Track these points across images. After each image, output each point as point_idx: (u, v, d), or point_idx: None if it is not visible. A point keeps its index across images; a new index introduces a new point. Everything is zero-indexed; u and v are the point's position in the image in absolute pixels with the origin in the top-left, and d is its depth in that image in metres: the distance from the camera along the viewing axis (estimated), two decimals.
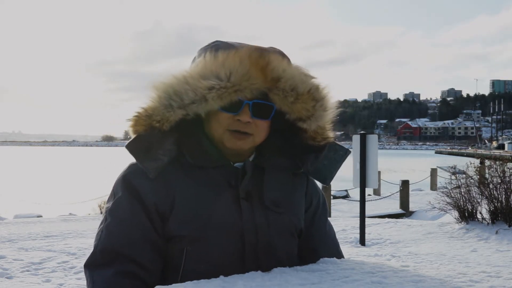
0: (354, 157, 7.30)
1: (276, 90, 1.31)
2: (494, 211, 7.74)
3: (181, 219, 1.31)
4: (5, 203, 15.70)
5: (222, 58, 1.29)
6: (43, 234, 7.95)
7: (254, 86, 1.29)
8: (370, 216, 10.56)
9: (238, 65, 1.28)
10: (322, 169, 1.46)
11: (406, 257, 5.91)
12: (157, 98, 1.32)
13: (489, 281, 1.17)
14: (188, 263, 1.31)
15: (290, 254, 1.43)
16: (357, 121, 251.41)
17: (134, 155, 1.33)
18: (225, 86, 1.27)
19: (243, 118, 1.31)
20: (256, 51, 1.31)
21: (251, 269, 1.30)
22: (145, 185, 1.33)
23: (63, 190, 21.60)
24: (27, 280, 5.03)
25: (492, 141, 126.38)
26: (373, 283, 1.15)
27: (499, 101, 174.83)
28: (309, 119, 1.37)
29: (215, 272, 1.25)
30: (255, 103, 1.32)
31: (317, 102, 1.36)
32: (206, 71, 1.29)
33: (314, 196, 1.53)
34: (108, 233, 1.32)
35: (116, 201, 1.34)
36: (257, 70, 1.28)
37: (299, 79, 1.33)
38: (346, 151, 1.48)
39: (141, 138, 1.32)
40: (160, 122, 1.31)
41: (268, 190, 1.40)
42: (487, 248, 6.52)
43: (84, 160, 65.29)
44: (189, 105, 1.29)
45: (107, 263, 1.30)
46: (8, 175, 32.53)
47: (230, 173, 1.37)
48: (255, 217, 1.36)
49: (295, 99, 1.33)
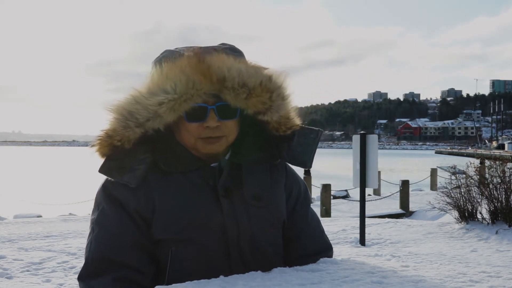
0: (354, 157, 7.29)
1: (226, 90, 1.31)
2: (494, 211, 7.73)
3: (163, 223, 1.33)
4: (5, 203, 15.70)
5: (166, 71, 1.31)
6: (43, 234, 7.94)
7: (201, 91, 1.30)
8: (370, 216, 10.55)
9: (180, 75, 1.29)
10: (298, 155, 1.45)
11: (406, 257, 5.91)
12: (114, 120, 1.34)
13: (489, 281, 1.17)
14: (174, 263, 1.33)
15: (275, 246, 1.44)
16: (357, 121, 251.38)
17: (110, 176, 1.35)
18: (173, 98, 1.29)
19: (211, 124, 1.33)
20: (195, 56, 1.31)
21: (236, 264, 1.33)
22: (124, 193, 1.35)
23: (63, 190, 21.57)
24: (27, 280, 5.02)
25: (492, 141, 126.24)
26: (373, 283, 1.15)
27: (499, 101, 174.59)
28: (269, 111, 1.36)
29: (201, 269, 1.28)
30: (219, 106, 1.32)
31: (272, 92, 1.35)
32: (154, 87, 1.31)
33: (295, 185, 1.53)
34: (97, 243, 1.34)
35: (100, 211, 1.36)
36: (199, 76, 1.29)
37: (247, 74, 1.32)
38: (317, 132, 1.46)
39: (110, 158, 1.34)
40: (121, 141, 1.33)
41: (247, 185, 1.40)
42: (487, 248, 6.52)
43: (84, 160, 65.14)
44: (145, 123, 1.31)
45: (101, 272, 1.31)
46: (8, 175, 32.51)
47: (208, 173, 1.39)
48: (236, 213, 1.37)
49: (247, 95, 1.32)
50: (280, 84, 1.38)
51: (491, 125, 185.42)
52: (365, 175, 7.18)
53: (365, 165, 7.18)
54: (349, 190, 17.04)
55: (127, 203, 1.34)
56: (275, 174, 1.48)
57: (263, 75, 1.35)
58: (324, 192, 13.25)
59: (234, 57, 1.35)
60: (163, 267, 1.34)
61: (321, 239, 1.55)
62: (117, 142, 1.33)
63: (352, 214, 12.32)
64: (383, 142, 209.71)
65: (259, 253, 1.38)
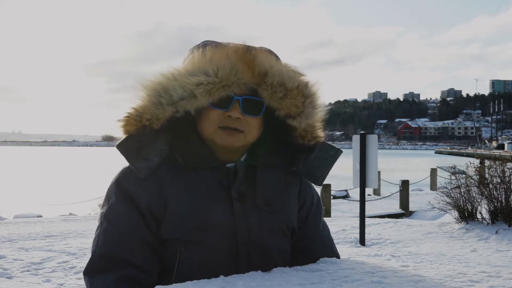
0: (354, 157, 7.29)
1: (265, 85, 1.31)
2: (494, 211, 7.73)
3: (175, 223, 1.32)
4: (5, 203, 15.70)
5: (209, 55, 1.30)
6: (43, 234, 7.94)
7: (241, 81, 1.29)
8: (370, 216, 10.56)
9: (225, 60, 1.28)
10: (313, 169, 1.46)
11: (406, 257, 5.91)
12: (147, 96, 1.32)
13: (489, 281, 1.17)
14: (182, 264, 1.31)
15: (283, 253, 1.43)
16: (357, 121, 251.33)
17: (125, 156, 1.33)
18: (213, 82, 1.28)
19: (234, 114, 1.31)
20: (243, 47, 1.32)
21: (244, 268, 1.32)
22: (138, 188, 1.33)
23: (63, 190, 21.58)
24: (27, 280, 5.02)
25: (492, 141, 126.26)
26: (373, 283, 1.15)
27: (499, 101, 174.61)
28: (299, 116, 1.36)
29: (208, 272, 1.26)
30: (245, 99, 1.32)
31: (307, 98, 1.36)
32: (194, 68, 1.30)
33: (308, 195, 1.52)
34: (105, 238, 1.32)
35: (110, 206, 1.35)
36: (243, 65, 1.29)
37: (287, 75, 1.33)
38: (337, 151, 1.47)
39: (132, 138, 1.32)
40: (150, 121, 1.32)
41: (261, 190, 1.39)
42: (487, 248, 6.52)
43: (84, 160, 65.25)
44: (179, 101, 1.29)
45: (106, 269, 1.30)
46: (8, 175, 32.51)
47: (222, 174, 1.38)
48: (248, 217, 1.36)
49: (284, 95, 1.32)
50: (315, 93, 1.38)
51: (491, 125, 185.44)
52: (365, 175, 7.18)
53: (365, 165, 7.18)
54: (349, 190, 17.03)
55: (139, 199, 1.32)
56: (289, 181, 1.47)
57: (301, 79, 1.36)
58: (324, 192, 13.24)
59: (275, 58, 1.37)
60: (170, 267, 1.33)
61: (331, 250, 1.54)
62: (145, 121, 1.31)
63: (352, 214, 12.33)
64: (383, 142, 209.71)
65: (267, 258, 1.37)
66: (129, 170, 1.35)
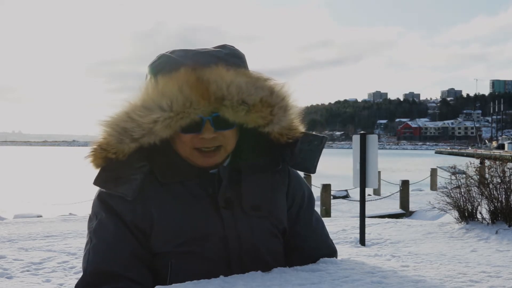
0: (354, 157, 7.29)
1: (224, 107, 1.27)
2: (494, 211, 7.73)
3: (163, 237, 1.31)
4: (5, 203, 15.71)
5: (162, 86, 1.26)
6: (43, 234, 7.94)
7: (198, 110, 1.26)
8: (370, 216, 10.55)
9: (177, 93, 1.24)
10: (301, 162, 1.42)
11: (406, 257, 5.91)
12: (107, 134, 1.31)
13: (489, 281, 1.17)
14: (174, 276, 1.30)
15: (276, 255, 1.41)
16: (357, 121, 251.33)
17: (105, 189, 1.32)
18: (169, 116, 1.25)
19: (207, 135, 1.29)
20: (194, 73, 1.25)
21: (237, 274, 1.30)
22: (120, 205, 1.32)
23: (63, 190, 21.57)
24: (27, 280, 5.02)
25: (492, 141, 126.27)
26: (373, 283, 1.15)
27: (499, 101, 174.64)
28: (269, 124, 1.33)
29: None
30: (215, 117, 1.28)
31: (274, 106, 1.31)
32: (148, 101, 1.27)
33: (298, 191, 1.49)
34: (96, 254, 1.31)
35: (98, 221, 1.34)
36: (197, 96, 1.24)
37: (247, 91, 1.27)
38: (321, 138, 1.43)
39: (105, 169, 1.32)
40: (116, 154, 1.31)
41: (247, 195, 1.37)
42: (487, 248, 6.52)
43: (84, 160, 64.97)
44: (140, 138, 1.28)
45: (99, 284, 1.29)
46: (8, 175, 32.50)
47: (207, 181, 1.35)
48: (237, 224, 1.34)
49: (247, 112, 1.28)
50: (283, 97, 1.34)
51: (491, 125, 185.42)
52: (365, 175, 7.18)
53: (365, 165, 7.18)
54: (349, 190, 17.03)
55: (123, 213, 1.31)
56: (276, 181, 1.44)
57: (264, 90, 1.30)
58: (324, 192, 13.25)
59: (234, 68, 1.30)
60: (162, 279, 1.31)
61: (326, 245, 1.52)
62: (112, 155, 1.31)
63: (352, 214, 12.32)
64: (383, 142, 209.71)
65: (260, 262, 1.35)
66: None
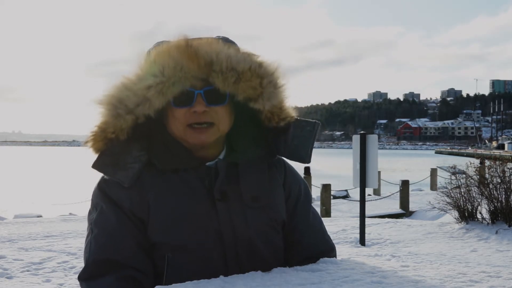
0: (354, 157, 7.29)
1: (214, 73, 1.29)
2: (494, 211, 7.73)
3: (158, 227, 1.31)
4: (5, 203, 15.71)
5: (153, 56, 1.31)
6: (43, 234, 7.94)
7: (189, 74, 1.28)
8: (370, 216, 10.55)
9: (168, 58, 1.28)
10: (295, 150, 1.41)
11: (406, 257, 5.91)
12: (105, 111, 1.32)
13: (489, 281, 1.17)
14: (171, 269, 1.31)
15: (274, 249, 1.41)
16: (357, 121, 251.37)
17: (103, 172, 1.33)
18: (161, 81, 1.28)
19: (199, 109, 1.30)
20: (184, 41, 1.30)
21: (233, 269, 1.31)
22: (119, 193, 1.33)
23: (63, 190, 21.57)
24: (27, 280, 5.02)
25: (492, 141, 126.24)
26: (373, 283, 1.15)
27: (499, 101, 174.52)
28: (260, 98, 1.33)
29: (198, 275, 1.25)
30: (206, 90, 1.31)
31: (263, 78, 1.33)
32: (142, 72, 1.31)
33: (294, 184, 1.49)
34: (98, 244, 1.32)
35: (99, 212, 1.35)
36: (187, 59, 1.28)
37: (236, 59, 1.31)
38: (314, 124, 1.42)
39: (104, 154, 1.33)
40: (114, 133, 1.32)
41: (245, 187, 1.37)
42: (487, 248, 6.52)
43: (84, 160, 65.08)
44: (135, 108, 1.30)
45: (103, 272, 1.29)
46: (8, 175, 32.50)
47: (204, 173, 1.36)
48: (232, 217, 1.34)
49: (236, 79, 1.30)
50: (272, 72, 1.35)
51: (491, 125, 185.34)
52: (365, 175, 7.18)
53: (365, 165, 7.18)
54: (349, 190, 17.03)
55: (121, 203, 1.32)
56: (273, 173, 1.44)
57: (253, 61, 1.33)
58: (324, 192, 13.25)
59: (224, 43, 1.34)
60: (159, 272, 1.32)
61: (324, 240, 1.51)
62: (110, 134, 1.31)
63: (352, 214, 12.32)
64: (383, 142, 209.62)
65: (257, 256, 1.35)
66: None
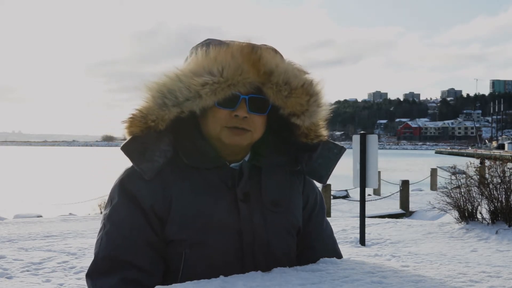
0: (354, 157, 7.29)
1: (270, 84, 1.31)
2: (494, 211, 7.73)
3: (179, 223, 1.31)
4: (5, 203, 15.72)
5: (214, 54, 1.29)
6: (43, 234, 7.95)
7: (247, 80, 1.29)
8: (370, 216, 10.56)
9: (230, 59, 1.28)
10: (317, 168, 1.46)
11: (406, 257, 5.91)
12: (151, 98, 1.31)
13: (489, 281, 1.17)
14: (187, 265, 1.31)
15: (289, 253, 1.42)
16: (357, 121, 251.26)
17: (129, 157, 1.32)
18: (218, 81, 1.27)
19: (240, 113, 1.31)
20: (248, 46, 1.31)
21: (249, 269, 1.31)
22: (142, 188, 1.32)
23: (63, 190, 21.58)
24: (27, 280, 5.02)
25: (492, 141, 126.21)
26: (373, 283, 1.15)
27: (499, 101, 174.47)
28: (303, 115, 1.37)
29: (214, 273, 1.25)
30: (251, 97, 1.31)
31: (311, 97, 1.36)
32: (198, 68, 1.29)
33: (311, 194, 1.53)
34: (108, 240, 1.32)
35: (113, 207, 1.34)
36: (249, 65, 1.28)
37: (292, 74, 1.33)
38: (341, 149, 1.48)
39: (136, 139, 1.32)
40: (155, 122, 1.31)
41: (266, 190, 1.40)
42: (487, 248, 6.52)
43: (84, 160, 65.23)
44: (184, 102, 1.29)
45: (109, 271, 1.29)
46: (8, 175, 32.51)
47: (227, 174, 1.37)
48: (253, 218, 1.36)
49: (288, 93, 1.32)
50: (319, 91, 1.38)
51: (491, 125, 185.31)
52: (365, 175, 7.18)
53: (365, 165, 7.18)
54: (349, 190, 17.03)
55: (142, 198, 1.31)
56: (293, 180, 1.47)
57: (306, 78, 1.36)
58: (324, 192, 13.24)
59: (280, 56, 1.36)
60: (175, 268, 1.32)
61: (333, 250, 1.54)
62: (151, 122, 1.31)
63: (352, 214, 12.33)
64: (383, 142, 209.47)
65: (273, 259, 1.37)
66: (133, 170, 1.34)
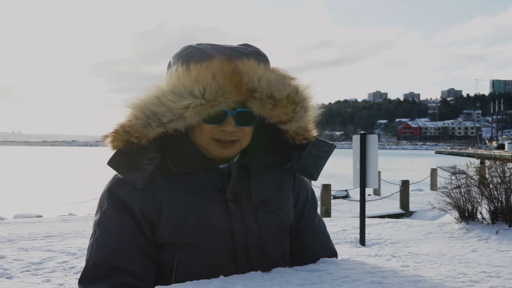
0: (354, 157, 7.29)
1: (253, 99, 1.30)
2: (494, 211, 7.73)
3: (171, 226, 1.32)
4: (5, 203, 15.71)
5: (195, 73, 1.28)
6: (43, 234, 7.94)
7: (230, 100, 1.29)
8: (370, 216, 10.55)
9: (211, 81, 1.27)
10: (307, 166, 1.46)
11: (406, 257, 5.91)
12: (134, 117, 1.31)
13: (489, 281, 1.17)
14: (180, 268, 1.31)
15: (282, 252, 1.43)
16: (357, 121, 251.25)
17: (118, 171, 1.33)
18: (201, 104, 1.27)
19: (228, 129, 1.32)
20: (229, 63, 1.28)
21: (244, 269, 1.31)
22: (131, 194, 1.33)
23: (63, 190, 21.58)
24: (27, 280, 5.02)
25: (492, 141, 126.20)
26: (373, 283, 1.15)
27: (499, 101, 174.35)
28: (289, 122, 1.36)
29: (207, 274, 1.25)
30: (238, 112, 1.32)
31: (297, 104, 1.35)
32: (180, 88, 1.28)
33: (302, 191, 1.52)
34: (98, 246, 1.32)
35: (102, 213, 1.35)
36: (231, 85, 1.27)
37: (276, 86, 1.31)
38: (331, 146, 1.47)
39: (121, 153, 1.32)
40: (138, 138, 1.31)
41: (256, 190, 1.40)
42: (487, 248, 6.52)
43: (84, 160, 65.22)
44: (168, 123, 1.29)
45: (100, 277, 1.29)
46: (8, 175, 32.50)
47: (216, 175, 1.38)
48: (244, 218, 1.36)
49: (273, 106, 1.32)
50: (306, 97, 1.38)
51: (491, 125, 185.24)
52: (365, 175, 7.18)
53: (365, 165, 7.18)
54: (349, 190, 17.03)
55: (132, 203, 1.32)
56: (283, 178, 1.47)
57: (291, 87, 1.34)
58: (324, 192, 13.24)
59: (263, 64, 1.35)
60: (168, 271, 1.32)
61: (327, 246, 1.54)
62: (134, 139, 1.31)
63: (352, 214, 12.32)
64: (383, 142, 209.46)
65: (267, 258, 1.37)
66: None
